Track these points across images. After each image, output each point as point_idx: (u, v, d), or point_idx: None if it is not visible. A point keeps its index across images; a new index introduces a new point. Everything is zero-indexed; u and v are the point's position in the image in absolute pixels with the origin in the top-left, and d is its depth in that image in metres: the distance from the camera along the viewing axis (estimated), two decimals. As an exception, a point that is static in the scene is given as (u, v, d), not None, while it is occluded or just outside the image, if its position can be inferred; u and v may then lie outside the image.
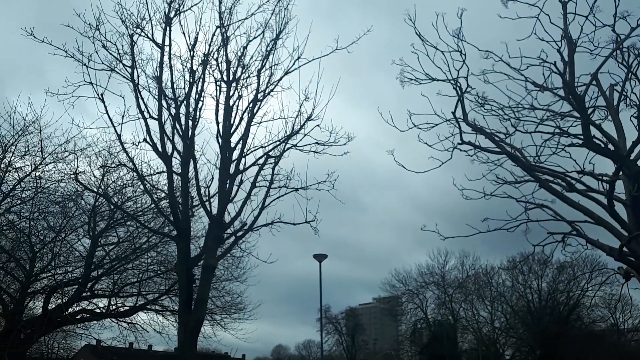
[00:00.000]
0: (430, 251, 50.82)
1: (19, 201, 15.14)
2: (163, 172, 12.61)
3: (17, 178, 14.77)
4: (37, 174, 14.92)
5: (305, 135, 12.59)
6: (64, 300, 16.27)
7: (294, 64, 12.65)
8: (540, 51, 11.76)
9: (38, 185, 15.01)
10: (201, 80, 12.22)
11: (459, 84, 11.89)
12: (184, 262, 11.70)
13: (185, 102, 12.06)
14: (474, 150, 12.22)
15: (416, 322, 54.36)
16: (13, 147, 14.60)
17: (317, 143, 12.64)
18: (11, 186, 14.73)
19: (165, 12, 11.97)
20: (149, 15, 11.89)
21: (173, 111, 11.92)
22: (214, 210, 12.02)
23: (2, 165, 14.50)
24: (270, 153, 12.48)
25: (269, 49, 12.65)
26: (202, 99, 12.25)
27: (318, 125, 12.47)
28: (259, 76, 12.59)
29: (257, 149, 12.49)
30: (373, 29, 12.65)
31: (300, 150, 12.67)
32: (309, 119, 12.49)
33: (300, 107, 12.48)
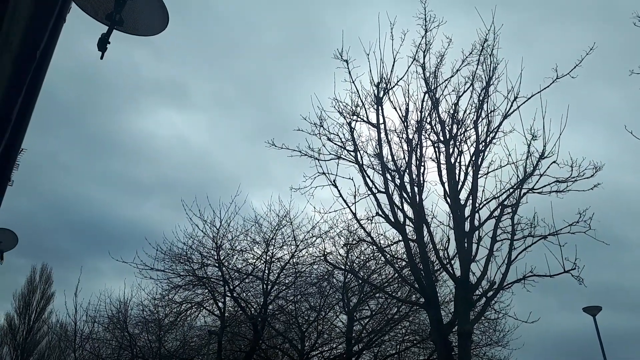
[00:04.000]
0: None
1: (284, 287, 17.22)
2: (399, 241, 12.84)
3: (280, 267, 16.96)
4: (294, 260, 16.91)
5: (541, 175, 11.47)
6: (334, 376, 17.37)
7: (511, 105, 12.02)
8: None
9: (296, 270, 16.92)
10: (418, 146, 12.42)
11: None
12: (438, 330, 11.34)
13: (407, 170, 12.32)
14: None
15: None
16: (273, 241, 16.96)
17: (557, 181, 11.35)
18: (276, 275, 16.93)
19: (374, 94, 12.82)
20: (362, 101, 12.89)
21: (397, 182, 12.27)
22: (457, 272, 11.56)
23: (267, 257, 16.87)
24: (505, 202, 11.65)
25: (481, 98, 12.30)
26: (422, 164, 12.37)
27: (555, 162, 11.28)
28: (476, 127, 12.23)
29: (490, 200, 11.82)
30: (595, 46, 11.26)
31: (539, 193, 11.52)
32: (541, 157, 11.42)
33: (528, 147, 11.58)
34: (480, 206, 11.75)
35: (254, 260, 17.16)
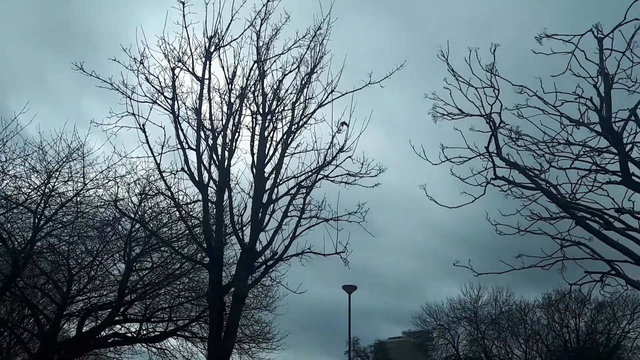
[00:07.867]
0: (462, 285, 49.24)
1: (60, 225, 15.67)
2: (199, 200, 12.93)
3: (60, 203, 15.34)
4: (78, 199, 15.46)
5: (336, 166, 12.73)
6: (98, 323, 16.65)
7: (327, 97, 12.93)
8: (576, 86, 11.59)
9: (79, 210, 15.53)
10: (238, 112, 12.61)
11: (492, 119, 11.86)
12: (216, 290, 11.85)
13: (222, 133, 12.43)
14: (507, 185, 12.05)
15: (447, 359, 52.70)
16: (57, 173, 15.22)
17: (348, 174, 12.77)
18: (53, 210, 15.31)
19: (205, 46, 12.47)
20: (190, 50, 12.41)
21: (210, 142, 12.30)
22: (246, 239, 12.20)
23: (47, 190, 15.13)
24: (302, 183, 12.64)
25: (303, 82, 12.98)
26: (238, 130, 12.61)
27: (350, 157, 12.64)
28: (293, 109, 12.90)
29: (290, 179, 12.68)
30: (406, 63, 12.91)
31: (331, 181, 12.80)
32: (341, 150, 12.66)
33: (332, 139, 12.68)
34: (281, 182, 12.55)
35: (30, 191, 15.23)
